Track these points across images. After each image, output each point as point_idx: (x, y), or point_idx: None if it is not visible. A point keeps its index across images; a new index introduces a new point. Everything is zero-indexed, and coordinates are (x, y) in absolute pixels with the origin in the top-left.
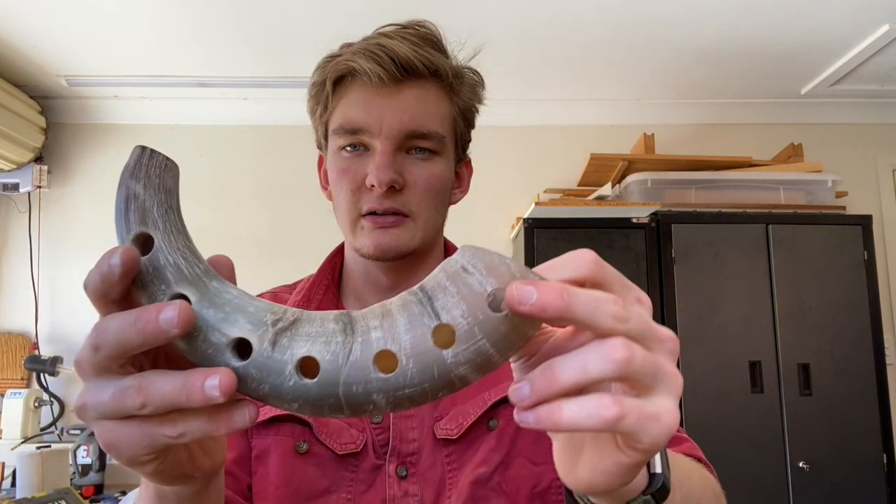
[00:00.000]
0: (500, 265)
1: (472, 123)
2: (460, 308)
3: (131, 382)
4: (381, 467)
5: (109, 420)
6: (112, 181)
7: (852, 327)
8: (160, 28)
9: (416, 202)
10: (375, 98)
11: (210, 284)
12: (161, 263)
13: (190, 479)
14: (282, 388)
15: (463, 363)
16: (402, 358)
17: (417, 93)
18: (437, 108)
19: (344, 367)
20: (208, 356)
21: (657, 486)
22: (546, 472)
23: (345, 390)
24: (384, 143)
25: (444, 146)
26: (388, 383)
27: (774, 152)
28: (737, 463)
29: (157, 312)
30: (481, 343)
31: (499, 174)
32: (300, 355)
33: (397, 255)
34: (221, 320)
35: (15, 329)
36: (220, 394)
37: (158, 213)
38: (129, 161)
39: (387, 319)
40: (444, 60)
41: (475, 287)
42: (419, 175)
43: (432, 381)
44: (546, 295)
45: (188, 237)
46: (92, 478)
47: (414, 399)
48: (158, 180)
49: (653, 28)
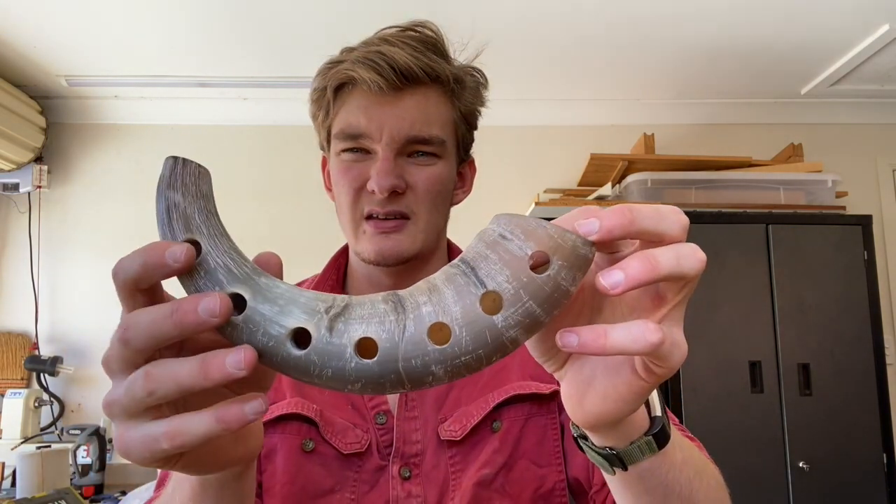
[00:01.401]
0: (537, 228)
1: (475, 125)
2: (504, 274)
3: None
4: (385, 468)
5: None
6: (112, 181)
7: (852, 327)
8: (160, 28)
9: (418, 204)
10: (376, 105)
11: (260, 281)
12: (212, 266)
13: (230, 466)
14: (344, 371)
15: (513, 325)
16: (455, 328)
17: (418, 99)
18: (437, 113)
19: (401, 344)
20: (270, 349)
21: (658, 427)
22: (550, 474)
23: (405, 365)
24: (385, 149)
25: (445, 150)
26: (445, 354)
27: (774, 152)
28: (737, 463)
29: (196, 303)
30: (528, 305)
31: (499, 174)
32: (357, 337)
33: (398, 260)
34: (277, 313)
35: (15, 329)
36: (244, 367)
37: (200, 218)
38: (163, 172)
39: (434, 294)
40: (444, 66)
41: (516, 252)
42: (420, 178)
43: (486, 346)
44: (610, 217)
45: (230, 239)
46: (92, 478)
47: (470, 366)
48: (195, 187)
49: (653, 28)
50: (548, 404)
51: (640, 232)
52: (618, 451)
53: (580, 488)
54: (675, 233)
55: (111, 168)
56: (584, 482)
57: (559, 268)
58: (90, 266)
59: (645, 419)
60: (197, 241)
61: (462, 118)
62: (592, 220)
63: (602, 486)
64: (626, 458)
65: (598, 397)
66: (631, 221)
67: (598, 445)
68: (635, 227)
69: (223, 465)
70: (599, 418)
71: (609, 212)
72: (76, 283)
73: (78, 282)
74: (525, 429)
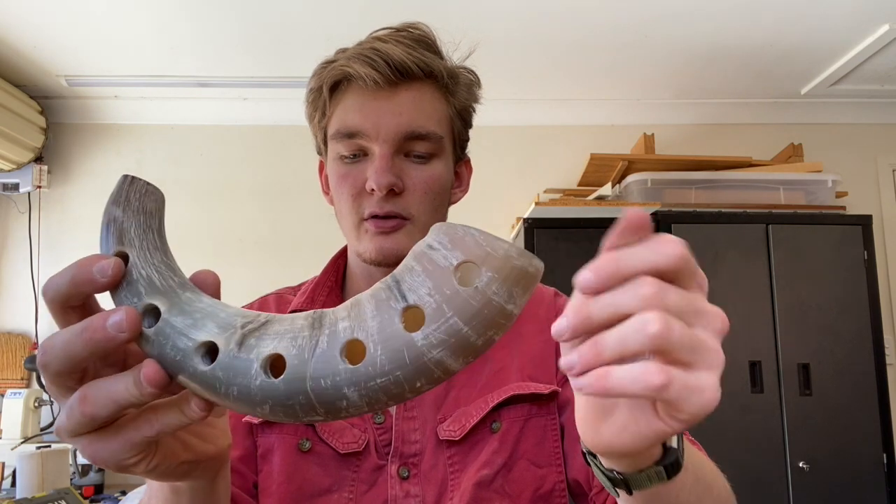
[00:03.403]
0: (464, 236)
1: (470, 123)
2: (426, 286)
3: (75, 396)
4: (384, 468)
5: (82, 436)
6: (112, 181)
7: (852, 327)
8: (160, 28)
9: (416, 205)
10: (371, 101)
11: (183, 295)
12: (134, 278)
13: (195, 469)
14: (250, 389)
15: (436, 345)
16: (370, 345)
17: (413, 94)
18: (433, 109)
19: (310, 361)
20: (178, 363)
21: (671, 459)
22: (549, 475)
23: (313, 385)
24: (382, 146)
25: (442, 147)
26: (358, 374)
27: (774, 152)
28: (737, 463)
29: (105, 319)
30: (452, 321)
31: (499, 174)
32: (266, 353)
33: (398, 259)
34: (189, 326)
35: (15, 329)
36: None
37: (136, 233)
38: (113, 190)
39: (355, 309)
40: (438, 62)
41: (440, 262)
42: (418, 178)
43: (405, 367)
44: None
45: (167, 254)
46: (92, 478)
47: (389, 391)
48: (138, 203)
49: (652, 28)
50: (547, 405)
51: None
52: (625, 476)
53: (580, 489)
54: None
55: (111, 168)
56: (584, 484)
57: (489, 280)
58: None
59: (658, 447)
60: (126, 254)
61: (457, 114)
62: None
63: (602, 488)
64: (632, 484)
65: (616, 427)
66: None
67: (606, 466)
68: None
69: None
70: (612, 448)
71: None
72: None
73: None
74: (524, 429)
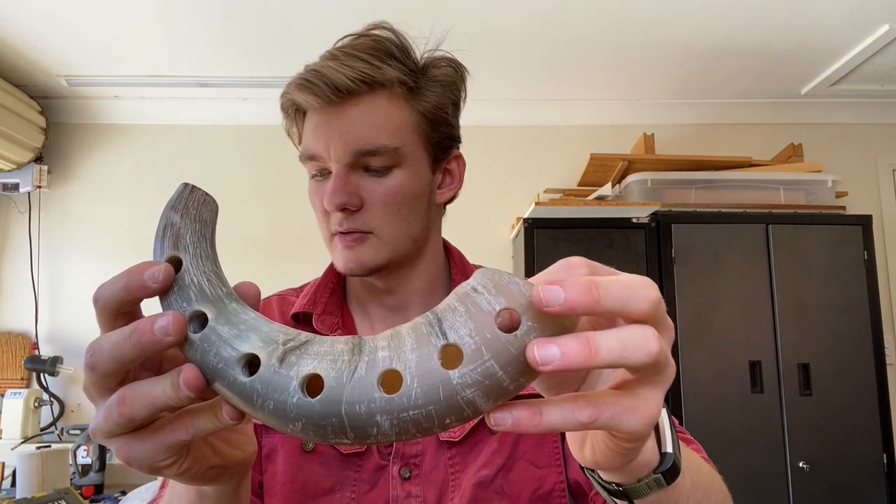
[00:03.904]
0: (509, 284)
1: (448, 120)
2: (468, 327)
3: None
4: (385, 468)
5: (118, 437)
6: (112, 181)
7: (852, 327)
8: (160, 28)
9: (378, 218)
10: (323, 123)
11: (230, 305)
12: (186, 283)
13: (223, 474)
14: (286, 405)
15: (470, 385)
16: (407, 377)
17: (363, 109)
18: (386, 121)
19: (348, 385)
20: (219, 370)
21: (668, 465)
22: (549, 475)
23: (348, 409)
24: (335, 166)
25: (401, 157)
26: (392, 404)
27: (774, 152)
28: (737, 463)
29: (152, 323)
30: (489, 364)
31: (499, 174)
32: (305, 372)
33: (365, 271)
34: (235, 336)
35: (15, 329)
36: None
37: (191, 239)
38: (172, 195)
39: (395, 340)
40: (391, 70)
41: (483, 306)
42: (376, 192)
43: (438, 403)
44: (575, 292)
45: (217, 264)
46: (92, 478)
47: (420, 424)
48: (195, 212)
49: (652, 28)
50: None
51: (605, 312)
52: (624, 488)
53: (580, 490)
54: (642, 311)
55: (111, 168)
56: (584, 484)
57: (529, 329)
58: (90, 266)
59: (654, 455)
60: (180, 259)
61: (423, 118)
62: (556, 288)
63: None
64: (631, 494)
65: (590, 448)
66: (597, 301)
67: (605, 480)
68: (601, 308)
69: (218, 471)
70: (597, 466)
71: (575, 286)
72: (76, 283)
73: (78, 282)
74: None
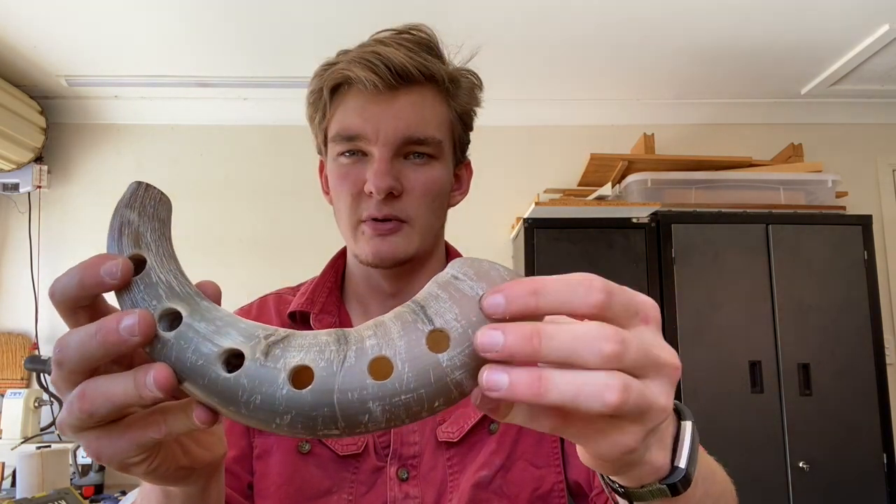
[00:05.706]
0: (489, 270)
1: (471, 126)
2: (453, 312)
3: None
4: (383, 469)
5: (86, 432)
6: (112, 181)
7: (852, 327)
8: (160, 28)
9: (415, 208)
10: (371, 105)
11: (201, 303)
12: (153, 280)
13: (191, 474)
14: (274, 398)
15: (458, 367)
16: (398, 363)
17: (414, 99)
18: (433, 114)
19: (338, 374)
20: (197, 367)
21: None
22: (547, 475)
23: (340, 398)
24: (381, 149)
25: (441, 151)
26: (385, 389)
27: (774, 152)
28: (737, 463)
29: (118, 321)
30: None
31: (499, 174)
32: (294, 363)
33: (395, 262)
34: (213, 332)
35: (15, 329)
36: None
37: (152, 237)
38: (124, 194)
39: (380, 328)
40: (439, 66)
41: (466, 291)
42: (417, 180)
43: (429, 385)
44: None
45: (178, 264)
46: (92, 478)
47: (410, 407)
48: (153, 210)
49: (652, 28)
50: None
51: (549, 361)
52: (626, 489)
53: (581, 490)
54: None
55: (111, 168)
56: (584, 485)
57: None
58: None
59: (665, 464)
60: (143, 258)
61: (458, 118)
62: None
63: (603, 489)
64: (633, 497)
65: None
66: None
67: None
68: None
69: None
70: (600, 469)
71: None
72: None
73: None
74: (522, 430)
